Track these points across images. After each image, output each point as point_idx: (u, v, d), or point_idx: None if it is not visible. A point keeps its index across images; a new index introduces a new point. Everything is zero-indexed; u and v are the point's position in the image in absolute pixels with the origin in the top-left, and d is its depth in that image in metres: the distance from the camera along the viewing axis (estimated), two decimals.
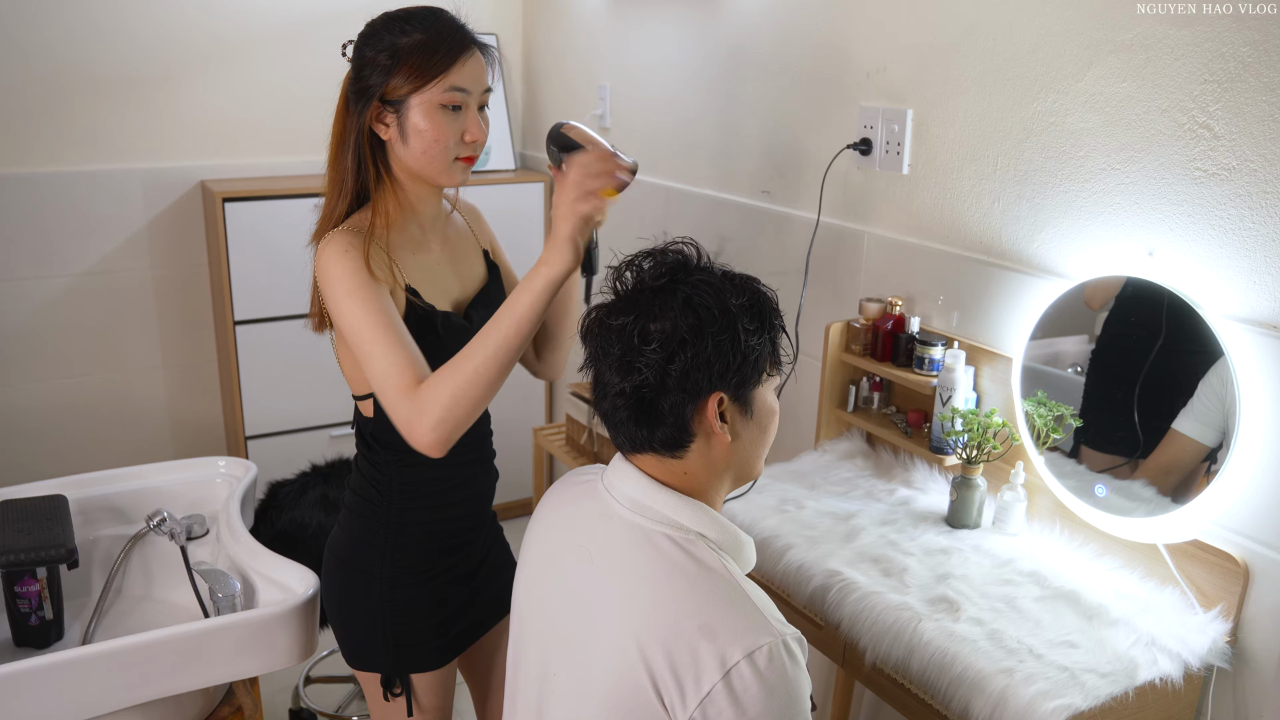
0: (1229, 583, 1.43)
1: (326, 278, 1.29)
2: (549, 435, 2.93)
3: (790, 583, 1.61)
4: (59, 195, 2.84)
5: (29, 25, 2.70)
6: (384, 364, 1.24)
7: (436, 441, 1.22)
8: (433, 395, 1.21)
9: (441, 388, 1.21)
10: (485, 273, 1.51)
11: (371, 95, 1.31)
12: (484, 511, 1.54)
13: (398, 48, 1.30)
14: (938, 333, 1.89)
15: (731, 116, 2.42)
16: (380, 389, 1.26)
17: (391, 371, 1.24)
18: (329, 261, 1.29)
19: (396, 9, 1.34)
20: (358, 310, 1.26)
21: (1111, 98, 1.55)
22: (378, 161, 1.36)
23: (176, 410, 3.16)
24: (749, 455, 1.08)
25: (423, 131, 1.31)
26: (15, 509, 1.69)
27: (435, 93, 1.30)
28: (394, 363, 1.24)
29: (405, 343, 1.27)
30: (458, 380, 1.21)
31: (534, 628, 1.12)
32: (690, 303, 1.01)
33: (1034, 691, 1.28)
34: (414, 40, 1.30)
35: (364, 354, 1.26)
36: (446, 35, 1.31)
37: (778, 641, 0.93)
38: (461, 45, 1.32)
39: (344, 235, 1.31)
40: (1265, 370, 1.38)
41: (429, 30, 1.31)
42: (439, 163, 1.33)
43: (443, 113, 1.31)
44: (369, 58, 1.31)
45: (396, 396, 1.23)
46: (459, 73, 1.31)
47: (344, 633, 1.49)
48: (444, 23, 1.33)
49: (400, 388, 1.23)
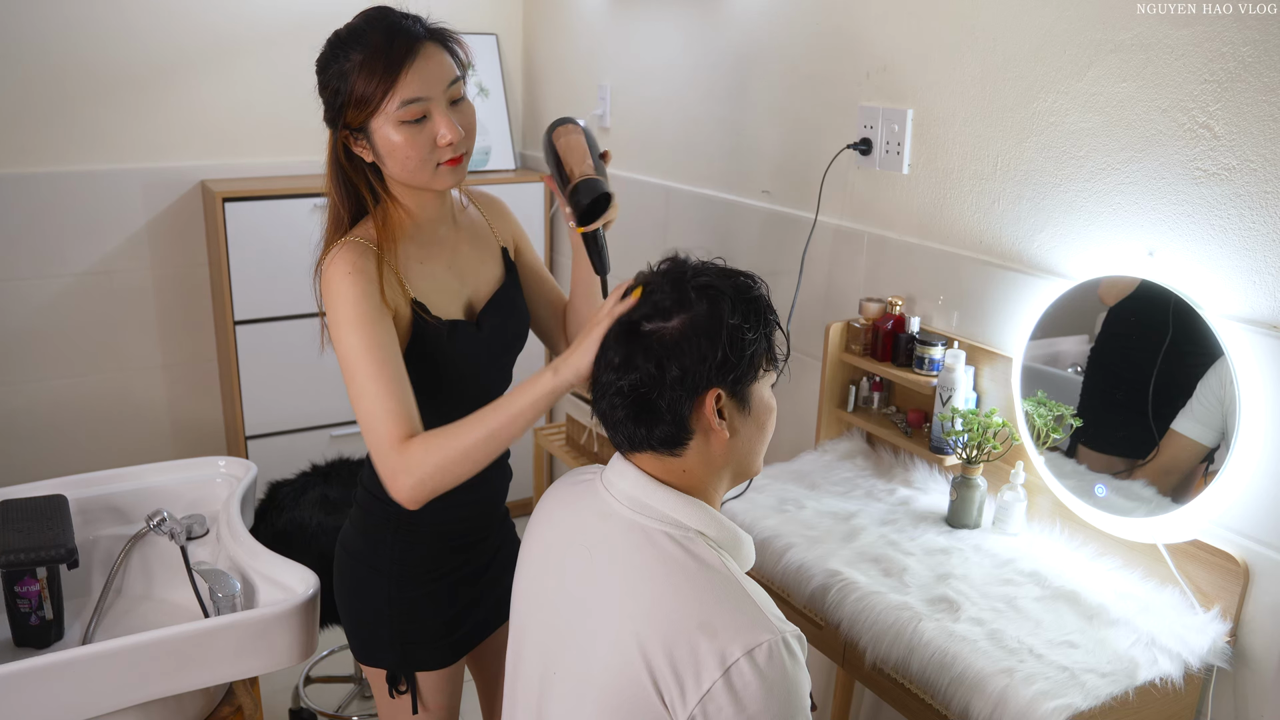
0: (1229, 583, 1.43)
1: (329, 298, 1.28)
2: (549, 435, 2.93)
3: (790, 583, 1.61)
4: (59, 195, 2.84)
5: (29, 25, 2.70)
6: (375, 408, 1.24)
7: (413, 500, 1.23)
8: (420, 459, 1.21)
9: (430, 456, 1.21)
10: (502, 274, 1.47)
11: (337, 125, 1.30)
12: (495, 510, 1.54)
13: (343, 75, 1.25)
14: (938, 333, 1.89)
15: (732, 116, 2.42)
16: (367, 431, 1.25)
17: (384, 419, 1.23)
18: (332, 283, 1.27)
19: (343, 26, 1.28)
20: (357, 345, 1.25)
21: (1111, 98, 1.55)
22: (369, 179, 1.34)
23: (176, 410, 3.16)
24: (747, 451, 1.08)
25: (393, 150, 1.27)
26: (15, 509, 1.69)
27: (389, 112, 1.24)
28: (386, 409, 1.23)
29: (399, 389, 1.25)
30: (447, 454, 1.21)
31: (534, 627, 1.12)
32: (685, 300, 1.02)
33: (1034, 691, 1.28)
34: (354, 63, 1.24)
35: (356, 391, 1.25)
36: (384, 48, 1.23)
37: (778, 639, 0.93)
38: (403, 54, 1.23)
39: (349, 252, 1.28)
40: (1265, 370, 1.38)
41: (366, 47, 1.24)
42: (421, 174, 1.30)
43: (406, 128, 1.25)
44: (325, 87, 1.29)
45: (384, 446, 1.23)
46: (408, 84, 1.24)
47: (352, 628, 1.49)
48: (381, 32, 1.24)
49: (389, 438, 1.23)
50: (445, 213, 1.41)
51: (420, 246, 1.37)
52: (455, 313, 1.39)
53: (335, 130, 1.31)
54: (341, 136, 1.31)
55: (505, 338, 1.45)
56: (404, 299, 1.32)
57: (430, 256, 1.38)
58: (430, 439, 1.22)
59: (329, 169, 1.35)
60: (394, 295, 1.31)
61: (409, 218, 1.36)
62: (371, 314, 1.26)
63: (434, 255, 1.39)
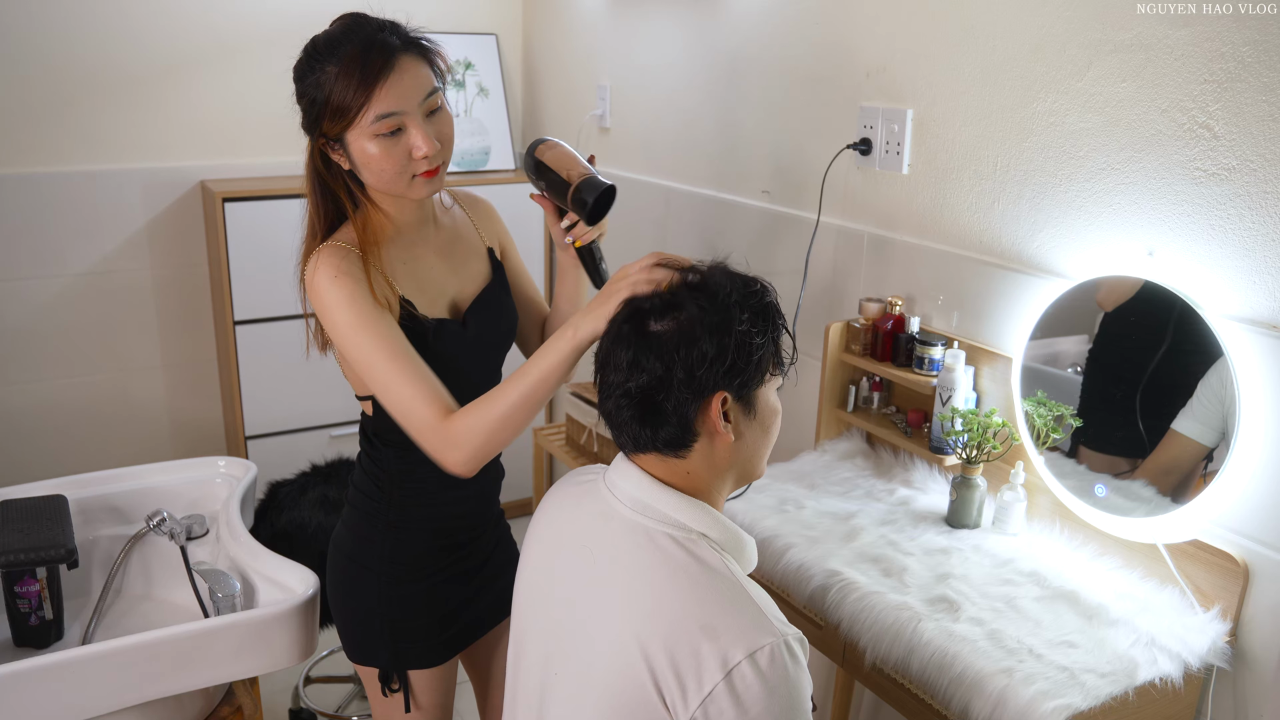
0: (1229, 583, 1.44)
1: (322, 306, 1.29)
2: (549, 435, 2.93)
3: (790, 583, 1.61)
4: (59, 195, 2.84)
5: (29, 25, 2.70)
6: (407, 396, 1.26)
7: (470, 470, 1.27)
8: (467, 433, 1.24)
9: (476, 427, 1.23)
10: (489, 272, 1.48)
11: (315, 134, 1.31)
12: (488, 509, 1.54)
13: (320, 86, 1.26)
14: (938, 333, 1.89)
15: (732, 116, 2.42)
16: (404, 418, 1.27)
17: (417, 403, 1.25)
18: (320, 290, 1.28)
19: (321, 33, 1.28)
20: (367, 343, 1.26)
21: (1111, 98, 1.55)
22: (348, 184, 1.34)
23: (176, 410, 3.16)
24: (752, 455, 1.08)
25: (369, 161, 1.27)
26: (15, 509, 1.69)
27: (364, 126, 1.25)
28: (416, 393, 1.25)
29: (422, 372, 1.27)
30: (490, 423, 1.23)
31: (535, 627, 1.12)
32: (695, 303, 1.02)
33: (1034, 691, 1.28)
34: (330, 75, 1.24)
35: (381, 385, 1.27)
36: (359, 61, 1.23)
37: (779, 641, 0.93)
38: (379, 69, 1.23)
39: (332, 256, 1.29)
40: (1265, 370, 1.38)
41: (341, 60, 1.23)
42: (397, 185, 1.30)
43: (381, 140, 1.25)
44: (302, 96, 1.29)
45: (425, 429, 1.25)
46: (382, 99, 1.23)
47: (345, 627, 1.49)
48: (358, 44, 1.24)
49: (429, 420, 1.25)
50: (426, 215, 1.42)
51: (402, 248, 1.38)
52: (440, 311, 1.40)
53: (313, 138, 1.32)
54: (319, 144, 1.32)
55: (492, 336, 1.45)
56: (393, 297, 1.33)
57: (413, 257, 1.39)
58: (471, 412, 1.24)
59: (307, 176, 1.36)
60: (383, 294, 1.32)
61: (389, 222, 1.37)
62: (369, 310, 1.27)
63: (417, 256, 1.40)
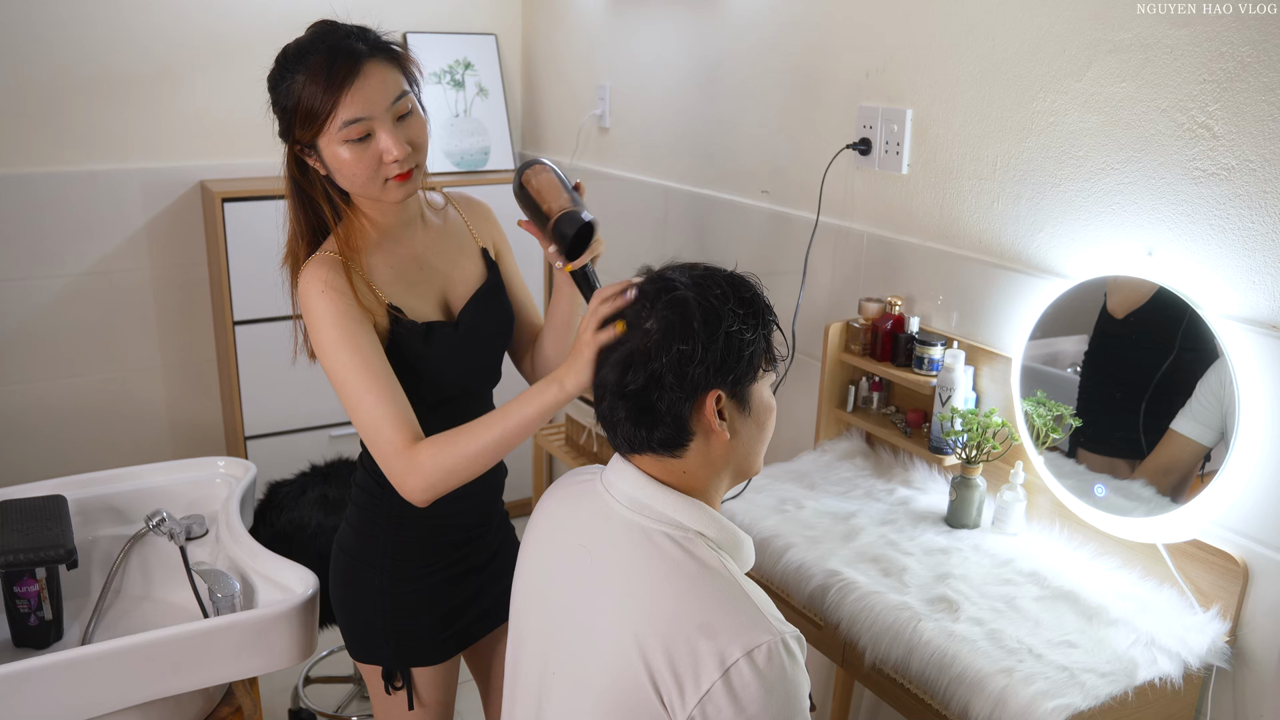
0: (1228, 582, 1.43)
1: (309, 317, 1.31)
2: (549, 435, 2.93)
3: (790, 582, 1.61)
4: (59, 195, 2.84)
5: (29, 25, 2.70)
6: (375, 417, 1.27)
7: (425, 501, 1.28)
8: (430, 464, 1.25)
9: (439, 461, 1.25)
10: (483, 271, 1.48)
11: (290, 141, 1.32)
12: (491, 507, 1.54)
13: (289, 94, 1.27)
14: (937, 333, 1.89)
15: (731, 116, 2.42)
16: (370, 440, 1.28)
17: (384, 426, 1.27)
18: (308, 301, 1.29)
19: (292, 42, 1.29)
20: (344, 360, 1.28)
21: (1111, 97, 1.55)
22: (327, 190, 1.35)
23: (176, 410, 3.16)
24: (748, 452, 1.08)
25: (341, 166, 1.29)
26: (15, 509, 1.69)
27: (333, 132, 1.26)
28: (385, 416, 1.27)
29: (394, 396, 1.28)
30: (455, 460, 1.25)
31: (533, 627, 1.12)
32: (684, 301, 1.02)
33: (1033, 691, 1.28)
34: (299, 83, 1.25)
35: (352, 404, 1.29)
36: (325, 69, 1.24)
37: (777, 640, 0.93)
38: (344, 75, 1.24)
39: (320, 268, 1.30)
40: (1265, 370, 1.38)
41: (309, 67, 1.25)
42: (370, 189, 1.31)
43: (351, 146, 1.26)
44: (275, 104, 1.30)
45: (389, 452, 1.27)
46: (349, 105, 1.24)
47: (347, 625, 1.49)
48: (324, 52, 1.25)
49: (394, 444, 1.26)
50: (410, 217, 1.41)
51: (388, 253, 1.38)
52: (432, 313, 1.40)
53: (288, 145, 1.33)
54: (295, 150, 1.33)
55: (485, 335, 1.45)
56: (379, 305, 1.34)
57: (400, 260, 1.39)
58: (439, 444, 1.25)
59: (286, 183, 1.37)
60: (369, 303, 1.32)
61: (372, 226, 1.38)
62: (353, 328, 1.28)
63: (403, 259, 1.40)
